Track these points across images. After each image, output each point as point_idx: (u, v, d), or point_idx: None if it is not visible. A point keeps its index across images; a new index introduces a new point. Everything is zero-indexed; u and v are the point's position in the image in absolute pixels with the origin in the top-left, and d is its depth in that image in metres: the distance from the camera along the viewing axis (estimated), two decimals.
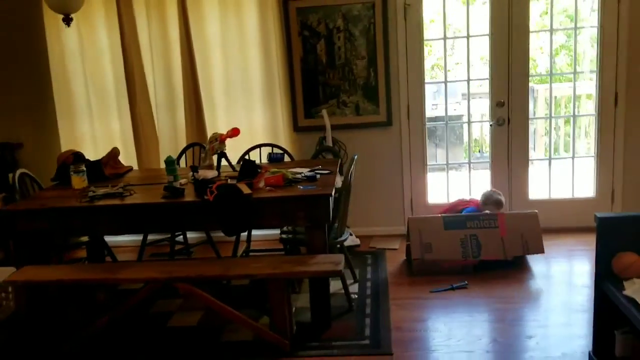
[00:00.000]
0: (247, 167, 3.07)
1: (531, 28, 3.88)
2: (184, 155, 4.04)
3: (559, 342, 2.62)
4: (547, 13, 6.16)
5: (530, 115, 5.89)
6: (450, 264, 3.43)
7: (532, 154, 6.04)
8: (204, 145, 3.71)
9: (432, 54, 7.11)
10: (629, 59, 3.84)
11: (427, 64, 7.02)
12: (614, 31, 3.82)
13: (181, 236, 4.07)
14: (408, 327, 2.86)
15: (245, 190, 2.79)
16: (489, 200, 3.73)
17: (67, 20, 3.13)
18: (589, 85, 3.97)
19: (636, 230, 2.18)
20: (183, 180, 3.16)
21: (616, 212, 4.01)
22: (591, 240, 2.55)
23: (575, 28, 4.04)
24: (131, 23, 4.07)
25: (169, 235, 3.94)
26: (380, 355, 2.60)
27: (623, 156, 3.99)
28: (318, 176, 3.07)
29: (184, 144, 4.16)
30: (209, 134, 3.92)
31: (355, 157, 3.18)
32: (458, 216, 3.51)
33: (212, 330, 2.97)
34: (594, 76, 4.00)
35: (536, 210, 3.50)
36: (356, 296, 3.25)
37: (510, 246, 3.40)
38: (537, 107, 6.24)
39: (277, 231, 3.33)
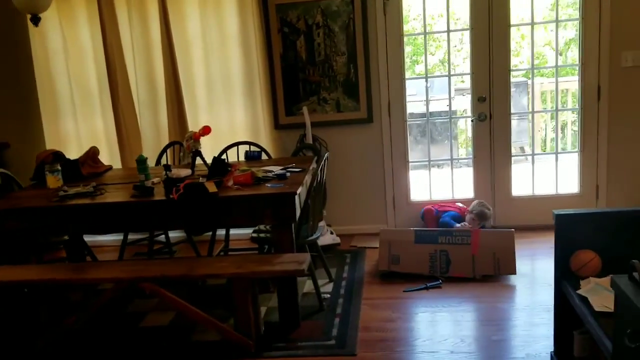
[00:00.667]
0: (217, 166, 3.06)
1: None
2: (165, 153, 4.04)
3: (525, 342, 2.56)
4: (555, 5, 6.04)
5: (524, 109, 5.82)
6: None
7: (527, 150, 5.96)
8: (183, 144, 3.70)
9: (440, 49, 7.02)
10: (611, 52, 3.74)
11: (435, 59, 6.96)
12: (596, 23, 3.73)
13: (163, 235, 4.07)
14: (376, 327, 2.82)
15: (212, 188, 2.77)
16: (474, 209, 3.79)
17: (35, 20, 3.13)
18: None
19: (595, 227, 2.11)
20: (156, 179, 3.15)
21: (601, 207, 3.91)
22: None
23: (557, 21, 3.94)
24: (113, 23, 4.08)
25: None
26: (343, 356, 2.57)
27: (607, 151, 3.89)
28: (288, 174, 3.03)
29: (167, 142, 4.16)
30: None
31: (327, 155, 3.15)
32: (431, 230, 3.44)
33: (183, 330, 2.96)
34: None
35: (513, 230, 3.32)
36: (329, 295, 3.22)
37: (481, 265, 3.28)
38: (534, 101, 6.12)
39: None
